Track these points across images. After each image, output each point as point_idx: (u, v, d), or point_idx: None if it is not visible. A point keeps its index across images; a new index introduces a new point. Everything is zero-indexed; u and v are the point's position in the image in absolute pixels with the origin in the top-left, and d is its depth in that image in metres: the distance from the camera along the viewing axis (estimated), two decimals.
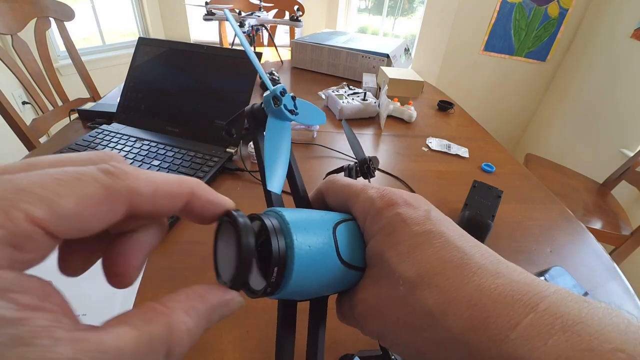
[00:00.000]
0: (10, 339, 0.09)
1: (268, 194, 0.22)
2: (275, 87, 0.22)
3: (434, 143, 0.89)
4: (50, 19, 1.11)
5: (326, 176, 0.66)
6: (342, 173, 0.56)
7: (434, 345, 0.15)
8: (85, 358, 0.10)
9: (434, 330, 0.15)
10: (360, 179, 0.53)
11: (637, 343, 0.11)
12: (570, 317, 0.12)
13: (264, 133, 0.22)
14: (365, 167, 0.51)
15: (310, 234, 0.18)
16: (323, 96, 1.05)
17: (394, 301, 0.16)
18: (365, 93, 1.00)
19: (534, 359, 0.12)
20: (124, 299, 0.41)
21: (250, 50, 0.23)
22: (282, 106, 0.22)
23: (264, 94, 0.22)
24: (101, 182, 0.12)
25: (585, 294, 0.50)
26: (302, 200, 0.23)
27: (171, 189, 0.14)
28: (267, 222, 0.17)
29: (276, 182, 0.20)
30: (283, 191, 0.21)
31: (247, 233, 0.16)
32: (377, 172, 0.71)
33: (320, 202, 0.23)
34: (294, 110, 0.23)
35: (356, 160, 0.52)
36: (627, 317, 0.13)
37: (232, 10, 1.34)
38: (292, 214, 0.18)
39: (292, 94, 0.23)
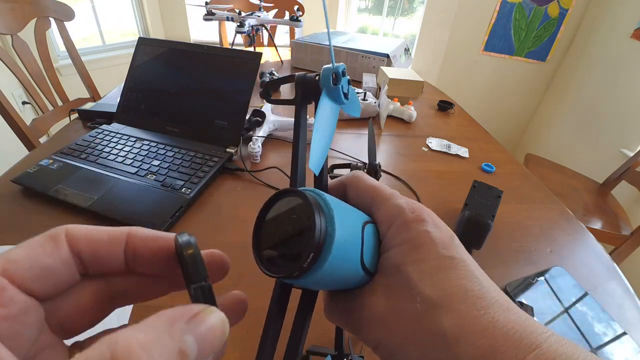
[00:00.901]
0: None
1: (295, 172, 0.20)
2: (338, 64, 0.20)
3: (434, 143, 0.89)
4: (50, 19, 1.11)
5: (331, 169, 0.66)
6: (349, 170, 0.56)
7: None
8: None
9: (443, 352, 0.15)
10: None
11: None
12: (567, 357, 0.14)
13: (313, 109, 0.20)
14: (373, 173, 0.52)
15: (347, 228, 0.17)
16: None
17: (406, 315, 0.17)
18: (365, 93, 1.00)
19: None
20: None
21: (326, 12, 0.20)
22: (340, 86, 0.20)
23: (324, 67, 0.20)
24: (43, 234, 0.15)
25: (585, 294, 0.50)
26: (321, 184, 0.22)
27: (107, 230, 0.16)
28: (311, 200, 0.16)
29: (317, 160, 0.18)
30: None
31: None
32: None
33: (339, 194, 0.22)
34: (347, 94, 0.21)
35: (363, 162, 0.53)
36: None
37: (232, 10, 1.34)
38: (333, 202, 0.17)
39: (348, 77, 0.21)
